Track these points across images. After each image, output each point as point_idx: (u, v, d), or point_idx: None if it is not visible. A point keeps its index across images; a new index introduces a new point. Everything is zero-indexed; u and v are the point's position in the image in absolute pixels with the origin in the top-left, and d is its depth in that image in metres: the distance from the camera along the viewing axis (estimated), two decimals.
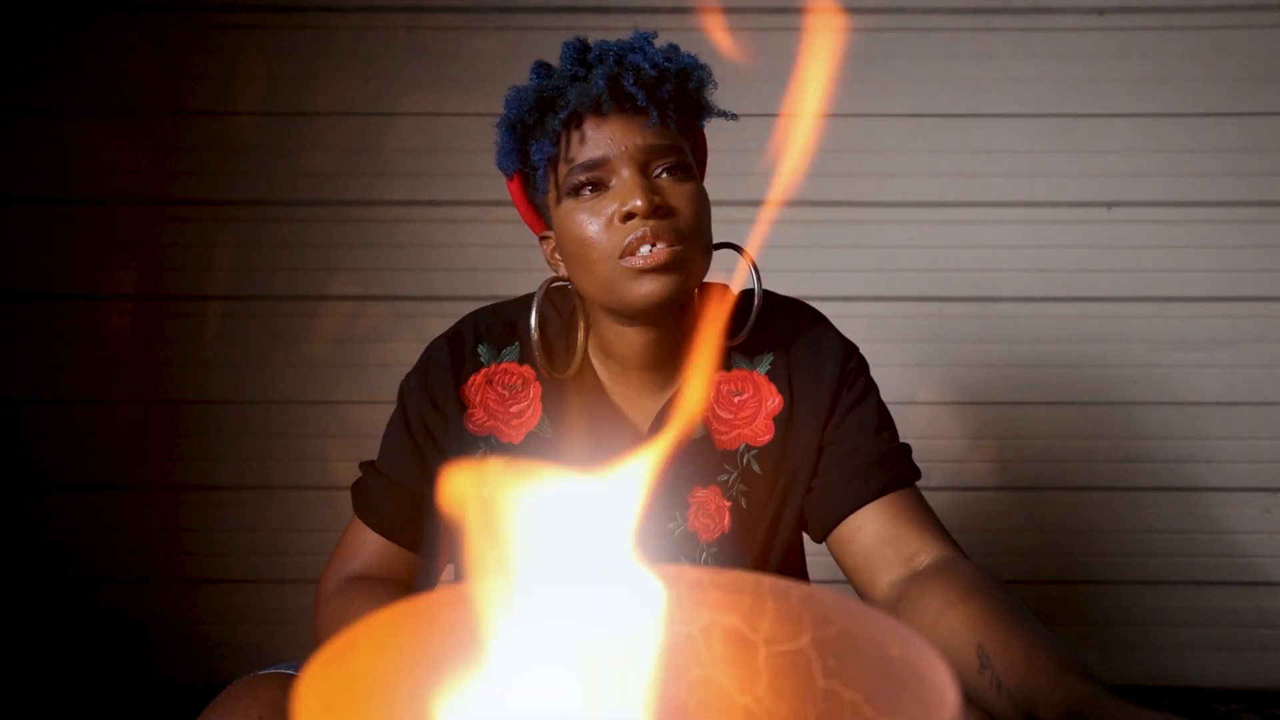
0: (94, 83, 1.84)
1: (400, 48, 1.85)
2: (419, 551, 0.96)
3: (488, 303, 1.03)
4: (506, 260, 1.84)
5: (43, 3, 1.82)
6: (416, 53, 1.85)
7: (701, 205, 0.87)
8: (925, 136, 1.86)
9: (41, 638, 1.86)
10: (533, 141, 0.88)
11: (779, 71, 1.96)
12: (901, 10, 1.85)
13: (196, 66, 1.84)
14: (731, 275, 0.95)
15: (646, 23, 0.91)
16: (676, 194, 0.85)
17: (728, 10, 1.84)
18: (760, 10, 1.84)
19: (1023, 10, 1.85)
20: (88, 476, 1.88)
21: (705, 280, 0.97)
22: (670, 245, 0.83)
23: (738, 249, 0.95)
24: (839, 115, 1.86)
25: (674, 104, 0.86)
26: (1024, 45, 1.85)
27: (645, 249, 0.83)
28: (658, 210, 0.83)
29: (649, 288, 0.84)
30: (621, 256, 0.84)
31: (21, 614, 1.85)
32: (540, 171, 0.90)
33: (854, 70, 1.85)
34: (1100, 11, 1.84)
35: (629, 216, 0.83)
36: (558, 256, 0.94)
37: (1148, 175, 1.85)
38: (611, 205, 0.85)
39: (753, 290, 1.04)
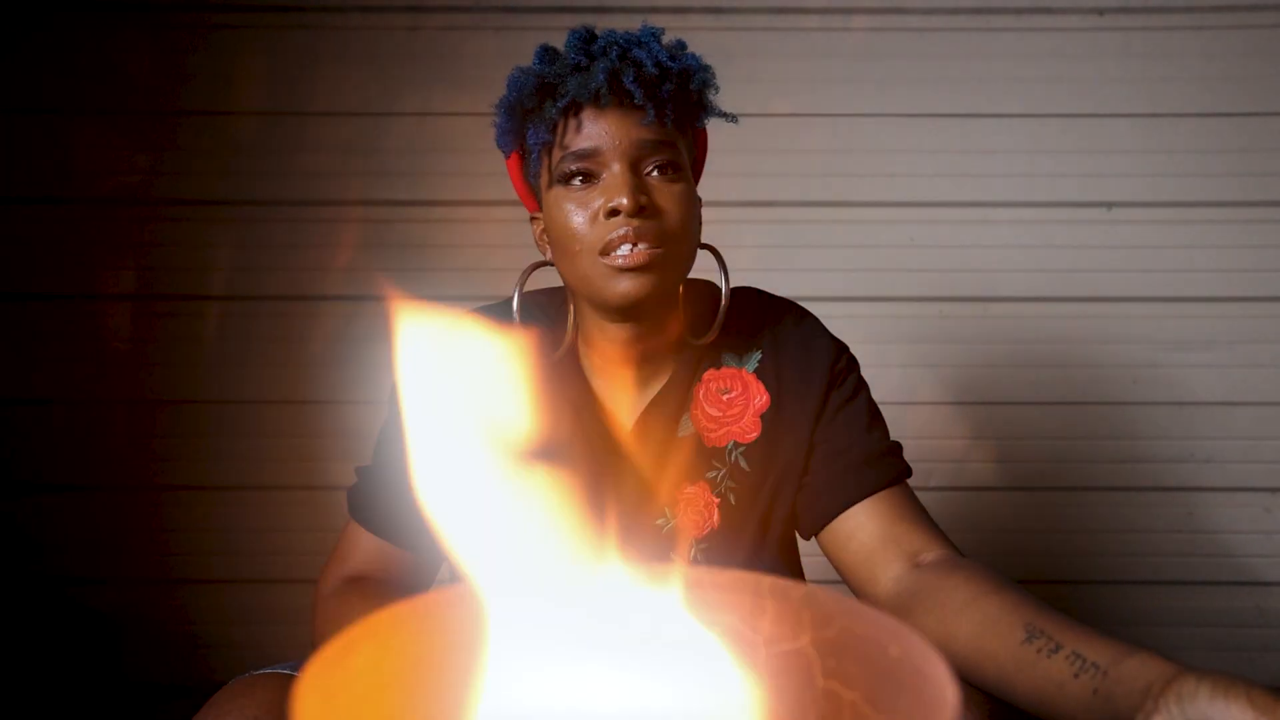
0: (92, 83, 1.83)
1: (399, 48, 1.85)
2: (415, 551, 0.96)
3: (486, 303, 1.03)
4: (505, 260, 1.84)
5: (42, 3, 1.82)
6: (416, 53, 1.85)
7: (689, 206, 0.87)
8: (925, 136, 1.86)
9: (34, 639, 1.85)
10: (530, 125, 0.88)
11: (779, 71, 1.97)
12: (901, 10, 1.85)
13: (195, 66, 1.84)
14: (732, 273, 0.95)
15: (648, 22, 0.91)
16: (665, 194, 0.85)
17: (727, 10, 1.84)
18: (759, 10, 1.84)
19: (1023, 10, 1.85)
20: (84, 478, 1.88)
21: (694, 278, 0.97)
22: (651, 246, 0.83)
23: (713, 250, 0.95)
24: (839, 115, 1.86)
25: (673, 103, 0.86)
26: (1024, 45, 1.85)
27: (625, 248, 0.83)
28: (643, 210, 0.83)
29: (625, 287, 0.84)
30: (602, 253, 0.84)
31: (13, 616, 1.85)
32: (534, 154, 0.90)
33: (854, 70, 1.85)
34: (1100, 11, 1.84)
35: (613, 213, 0.83)
36: (545, 239, 0.94)
37: (1148, 175, 1.85)
38: (598, 199, 0.84)
39: (742, 288, 1.04)
